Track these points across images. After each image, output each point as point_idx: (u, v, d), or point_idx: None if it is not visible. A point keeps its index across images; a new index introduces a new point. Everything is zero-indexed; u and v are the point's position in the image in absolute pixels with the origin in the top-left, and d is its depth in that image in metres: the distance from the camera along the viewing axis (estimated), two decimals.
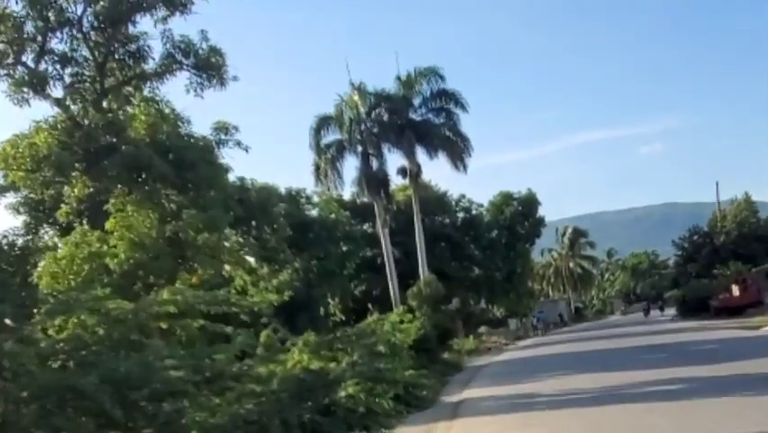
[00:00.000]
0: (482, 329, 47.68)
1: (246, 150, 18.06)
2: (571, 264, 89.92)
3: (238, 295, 10.00)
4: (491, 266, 53.16)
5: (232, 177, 28.08)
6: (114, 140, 16.37)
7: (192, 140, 16.84)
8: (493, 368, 24.53)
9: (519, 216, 55.10)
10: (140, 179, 16.23)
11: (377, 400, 9.64)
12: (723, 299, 45.51)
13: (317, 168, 39.32)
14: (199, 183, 16.43)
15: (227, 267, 17.79)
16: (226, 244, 18.02)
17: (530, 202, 56.00)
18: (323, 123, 39.42)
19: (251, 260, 30.57)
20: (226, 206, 16.94)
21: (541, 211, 56.59)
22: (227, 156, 22.62)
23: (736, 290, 45.74)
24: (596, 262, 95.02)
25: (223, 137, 17.87)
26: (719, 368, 14.66)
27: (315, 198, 41.17)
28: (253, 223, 28.58)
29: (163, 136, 16.23)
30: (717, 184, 58.67)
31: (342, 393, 9.30)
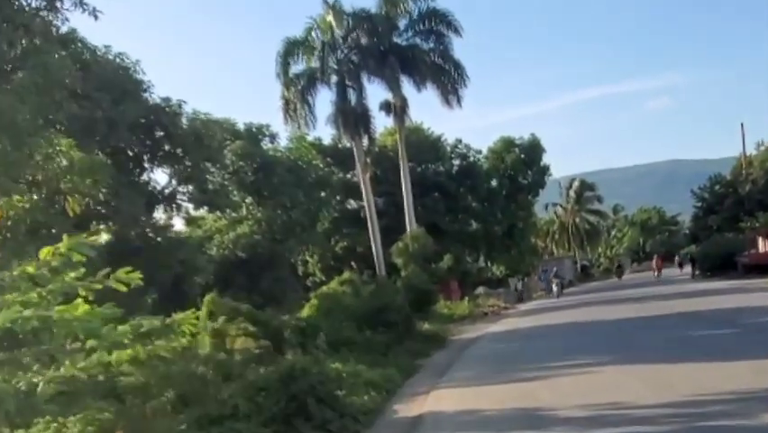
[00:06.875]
0: (480, 290, 42.27)
1: (95, 15, 11.82)
2: (578, 219, 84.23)
3: None
4: (490, 219, 47.67)
5: (155, 98, 22.26)
6: None
7: None
8: (485, 345, 18.61)
9: (521, 164, 49.29)
10: None
11: None
12: (754, 255, 40.03)
13: (285, 102, 33.27)
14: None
15: (71, 201, 11.85)
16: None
17: (533, 149, 50.05)
18: (292, 48, 33.31)
19: (189, 205, 25.07)
20: (53, 98, 10.77)
21: (545, 159, 50.70)
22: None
23: (764, 245, 40.38)
24: (604, 216, 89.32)
25: None
26: None
27: (285, 142, 35.44)
28: (187, 162, 22.80)
29: None
30: (742, 126, 52.03)
31: None
